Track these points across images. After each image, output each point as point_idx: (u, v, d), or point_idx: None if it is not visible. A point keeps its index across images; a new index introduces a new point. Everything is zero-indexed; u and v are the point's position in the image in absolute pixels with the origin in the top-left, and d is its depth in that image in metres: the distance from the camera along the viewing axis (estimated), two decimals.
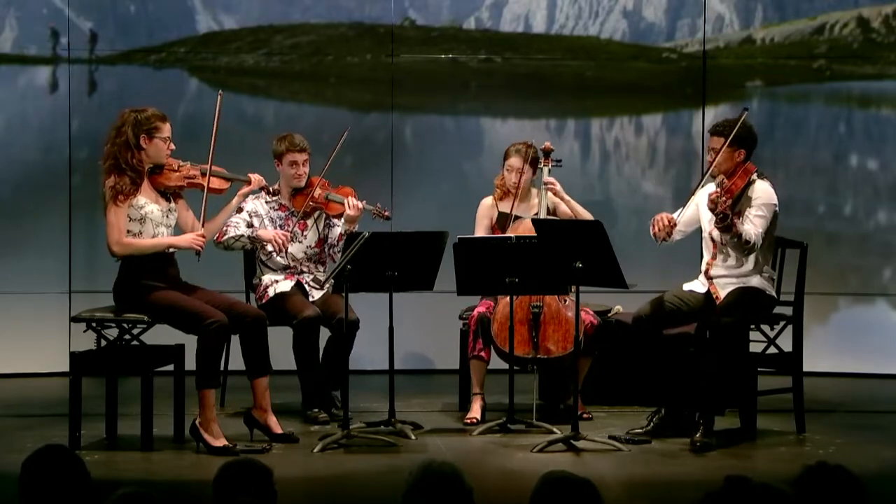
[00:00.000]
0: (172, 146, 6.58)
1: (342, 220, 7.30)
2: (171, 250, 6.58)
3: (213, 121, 6.69)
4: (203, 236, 6.57)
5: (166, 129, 6.56)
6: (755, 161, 6.86)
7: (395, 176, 8.95)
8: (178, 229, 6.70)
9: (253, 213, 7.29)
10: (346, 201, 7.22)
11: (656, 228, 6.72)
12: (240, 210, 7.20)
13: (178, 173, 6.60)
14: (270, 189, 7.19)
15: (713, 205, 6.47)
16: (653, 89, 9.23)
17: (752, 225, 6.60)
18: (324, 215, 7.40)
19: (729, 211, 6.47)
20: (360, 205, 7.22)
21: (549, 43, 9.27)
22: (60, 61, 8.86)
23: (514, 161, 7.37)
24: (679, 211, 6.81)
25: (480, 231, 7.43)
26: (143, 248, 6.48)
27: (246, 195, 6.94)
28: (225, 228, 7.12)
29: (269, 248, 7.27)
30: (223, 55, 9.09)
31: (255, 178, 6.92)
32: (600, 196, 9.14)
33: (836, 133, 9.19)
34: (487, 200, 7.50)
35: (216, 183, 6.69)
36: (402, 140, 9.10)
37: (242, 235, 7.22)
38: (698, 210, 6.84)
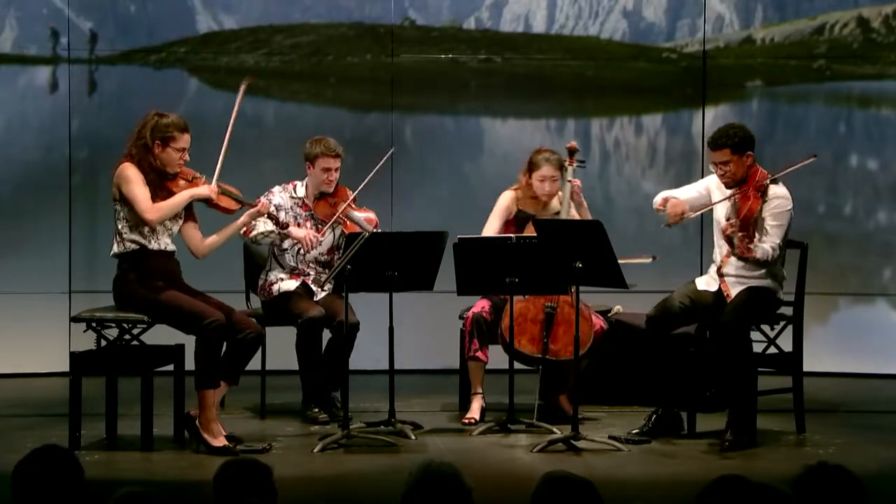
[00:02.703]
0: (186, 157, 6.55)
1: None
2: (171, 246, 6.57)
3: (225, 134, 6.66)
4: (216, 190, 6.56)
5: (183, 140, 6.51)
6: (757, 159, 6.85)
7: (395, 176, 8.94)
8: (182, 241, 6.66)
9: (278, 207, 7.23)
10: (370, 231, 7.12)
11: (672, 213, 6.69)
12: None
13: (190, 184, 6.57)
14: (276, 218, 6.96)
15: (728, 239, 6.50)
16: (653, 89, 9.24)
17: (769, 236, 6.60)
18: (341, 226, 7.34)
19: (737, 241, 6.50)
20: None
21: (549, 43, 9.27)
22: (60, 61, 8.86)
23: (547, 170, 7.27)
24: (689, 193, 6.80)
25: (496, 221, 7.33)
26: (171, 205, 6.47)
27: (252, 217, 6.79)
28: (254, 223, 7.03)
29: (297, 247, 7.22)
30: (223, 55, 9.09)
31: (263, 203, 6.89)
32: (600, 196, 9.14)
33: (836, 133, 9.20)
34: (509, 194, 7.44)
35: (226, 202, 6.66)
36: (402, 140, 9.10)
37: (273, 231, 7.10)
38: (709, 196, 6.83)
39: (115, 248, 6.56)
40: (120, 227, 6.53)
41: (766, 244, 6.60)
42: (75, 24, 8.89)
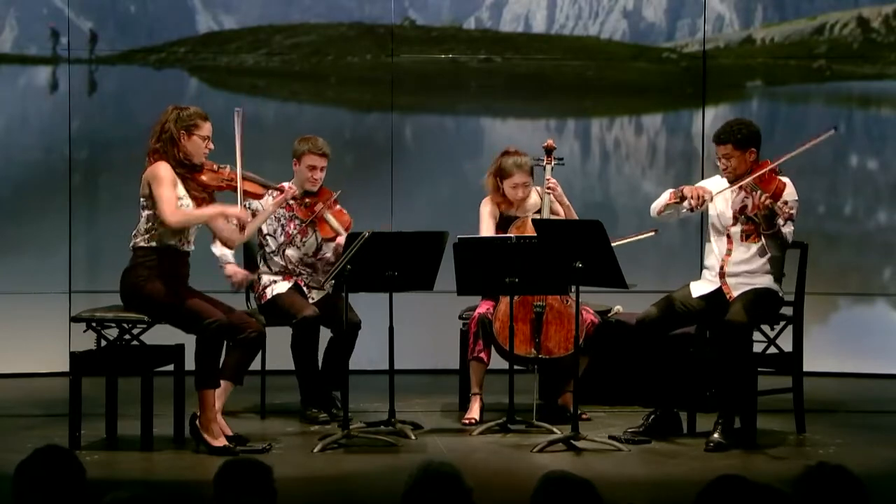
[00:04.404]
0: (211, 146, 6.58)
1: (332, 245, 7.28)
2: (190, 246, 6.57)
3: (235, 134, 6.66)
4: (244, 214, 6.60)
5: (206, 128, 6.55)
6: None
7: (395, 176, 8.95)
8: (211, 232, 6.67)
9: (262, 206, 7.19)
10: (341, 237, 7.15)
11: (694, 200, 6.66)
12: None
13: (215, 174, 6.60)
14: (299, 199, 7.07)
15: (767, 208, 6.45)
16: (653, 89, 9.24)
17: (787, 225, 6.61)
18: None
19: (778, 210, 6.47)
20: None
21: (549, 43, 9.28)
22: (60, 61, 8.86)
23: (519, 177, 7.27)
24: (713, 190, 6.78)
25: (486, 230, 7.35)
26: (196, 216, 6.47)
27: (280, 203, 6.91)
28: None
29: (283, 247, 7.24)
30: (223, 55, 9.09)
31: (288, 186, 6.92)
32: (600, 196, 9.14)
33: (836, 133, 9.18)
34: (489, 200, 7.45)
35: (252, 187, 6.69)
36: (402, 140, 9.10)
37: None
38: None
39: (139, 241, 6.48)
40: (154, 223, 6.44)
41: (788, 232, 6.62)
42: (75, 24, 8.89)
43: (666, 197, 6.83)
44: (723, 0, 9.24)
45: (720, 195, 6.72)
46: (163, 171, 6.45)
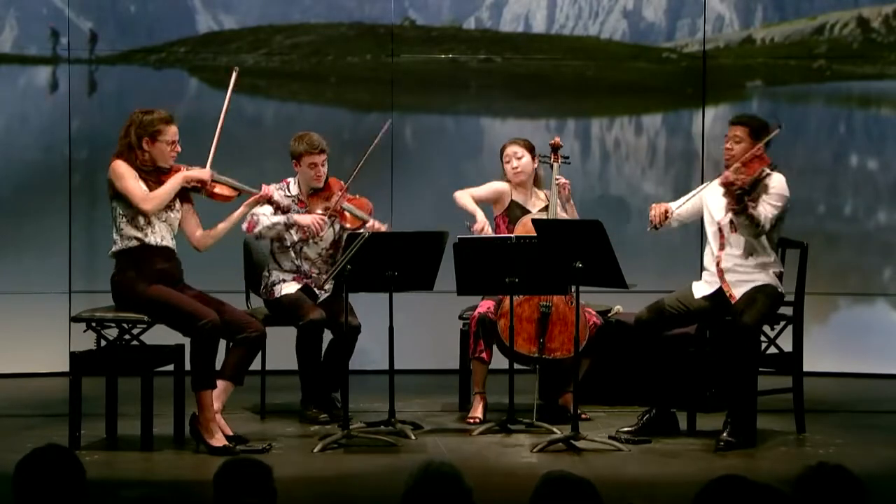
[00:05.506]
0: (178, 149, 6.56)
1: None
2: (172, 235, 6.57)
3: (217, 122, 6.66)
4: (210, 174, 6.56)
5: (171, 133, 6.51)
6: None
7: (395, 176, 8.95)
8: (181, 232, 6.67)
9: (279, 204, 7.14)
10: (369, 223, 7.16)
11: (653, 213, 6.77)
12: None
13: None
14: (277, 204, 6.95)
15: (730, 183, 6.46)
16: (653, 89, 9.24)
17: (765, 208, 6.60)
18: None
19: (746, 187, 6.48)
20: (383, 227, 7.17)
21: (550, 43, 9.27)
22: (60, 61, 8.86)
23: (511, 149, 7.43)
24: (681, 201, 6.83)
25: (482, 191, 7.45)
26: (166, 191, 6.47)
27: (252, 206, 6.79)
28: (255, 218, 7.07)
29: (299, 245, 7.22)
30: (223, 55, 9.09)
31: (264, 188, 6.85)
32: (600, 196, 9.14)
33: (836, 133, 9.19)
34: (504, 185, 7.50)
35: (222, 189, 6.67)
36: (402, 140, 9.10)
37: (278, 223, 7.14)
38: (702, 204, 6.83)
39: (115, 247, 6.56)
40: (119, 223, 6.53)
41: (762, 209, 6.60)
42: (75, 24, 8.89)
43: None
44: (723, 0, 9.24)
45: (712, 193, 6.73)
46: (121, 168, 6.49)
